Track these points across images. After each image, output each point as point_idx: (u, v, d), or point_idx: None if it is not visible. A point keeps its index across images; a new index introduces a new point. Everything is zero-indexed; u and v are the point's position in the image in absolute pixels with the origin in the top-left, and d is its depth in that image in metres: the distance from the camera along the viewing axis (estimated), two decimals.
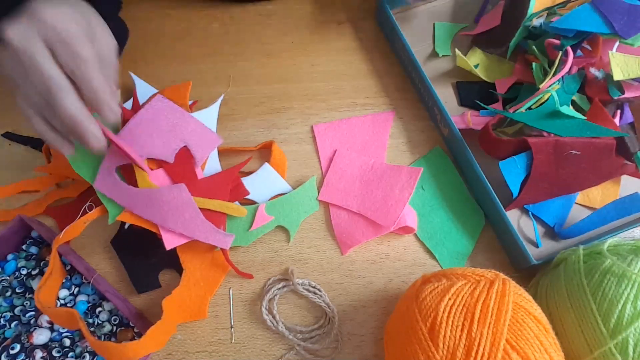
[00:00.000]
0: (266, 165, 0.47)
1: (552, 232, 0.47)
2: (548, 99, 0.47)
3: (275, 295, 0.43)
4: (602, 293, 0.35)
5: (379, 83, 0.53)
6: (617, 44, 0.48)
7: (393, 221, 0.44)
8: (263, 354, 0.42)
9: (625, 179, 0.48)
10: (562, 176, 0.45)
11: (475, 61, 0.53)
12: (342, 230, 0.46)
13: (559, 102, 0.46)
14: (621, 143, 0.45)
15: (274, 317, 0.43)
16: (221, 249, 0.42)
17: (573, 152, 0.44)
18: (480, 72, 0.52)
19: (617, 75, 0.46)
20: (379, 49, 0.55)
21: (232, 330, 0.43)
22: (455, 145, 0.48)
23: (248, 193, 0.44)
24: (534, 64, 0.49)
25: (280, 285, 0.43)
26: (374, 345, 0.42)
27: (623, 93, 0.47)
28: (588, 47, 0.50)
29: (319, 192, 0.47)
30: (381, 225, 0.45)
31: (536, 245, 0.46)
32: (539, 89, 0.47)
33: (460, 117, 0.50)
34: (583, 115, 0.47)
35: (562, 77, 0.48)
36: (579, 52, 0.50)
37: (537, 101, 0.47)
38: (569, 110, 0.46)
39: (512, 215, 0.47)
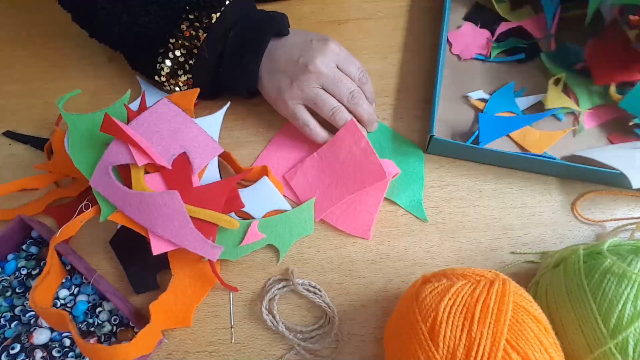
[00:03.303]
0: (265, 178, 0.46)
1: None
2: None
3: (276, 295, 0.43)
4: (602, 293, 0.35)
5: (378, 84, 0.53)
6: None
7: (381, 173, 0.44)
8: (263, 354, 0.42)
9: None
10: None
11: None
12: (349, 223, 0.46)
13: None
14: None
15: (274, 317, 0.43)
16: (208, 260, 0.41)
17: None
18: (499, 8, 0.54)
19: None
20: None
21: (232, 330, 0.43)
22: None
23: (243, 206, 0.43)
24: None
25: (280, 285, 0.43)
26: (374, 345, 0.42)
27: None
28: None
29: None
30: (376, 186, 0.45)
31: None
32: None
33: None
34: None
35: None
36: None
37: None
38: None
39: None
